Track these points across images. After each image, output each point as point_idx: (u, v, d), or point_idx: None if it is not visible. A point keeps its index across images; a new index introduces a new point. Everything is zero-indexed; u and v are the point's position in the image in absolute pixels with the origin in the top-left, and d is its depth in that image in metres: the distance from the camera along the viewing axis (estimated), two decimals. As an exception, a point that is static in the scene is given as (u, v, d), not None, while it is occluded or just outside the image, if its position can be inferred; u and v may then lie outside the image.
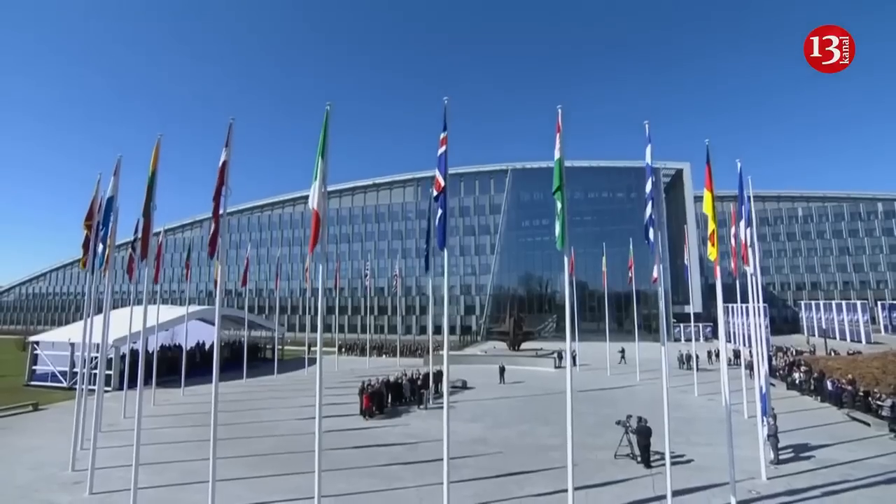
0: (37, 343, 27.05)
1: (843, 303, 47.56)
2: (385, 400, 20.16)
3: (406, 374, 22.58)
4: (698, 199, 58.99)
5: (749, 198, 12.95)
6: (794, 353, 33.79)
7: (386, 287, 67.81)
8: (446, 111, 9.23)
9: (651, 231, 9.81)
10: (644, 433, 12.87)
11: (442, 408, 21.74)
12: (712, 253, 10.93)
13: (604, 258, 31.28)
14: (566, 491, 10.82)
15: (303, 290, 66.34)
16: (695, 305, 46.13)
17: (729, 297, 17.56)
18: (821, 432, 15.79)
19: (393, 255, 69.18)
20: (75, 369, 26.22)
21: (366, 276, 49.97)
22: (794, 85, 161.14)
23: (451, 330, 66.48)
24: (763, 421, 12.86)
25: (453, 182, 70.94)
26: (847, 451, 13.92)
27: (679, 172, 62.06)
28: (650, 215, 9.87)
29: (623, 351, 34.17)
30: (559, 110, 9.33)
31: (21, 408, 20.28)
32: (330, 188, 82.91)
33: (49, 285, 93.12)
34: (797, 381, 22.15)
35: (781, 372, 24.59)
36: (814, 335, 47.34)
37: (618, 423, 13.91)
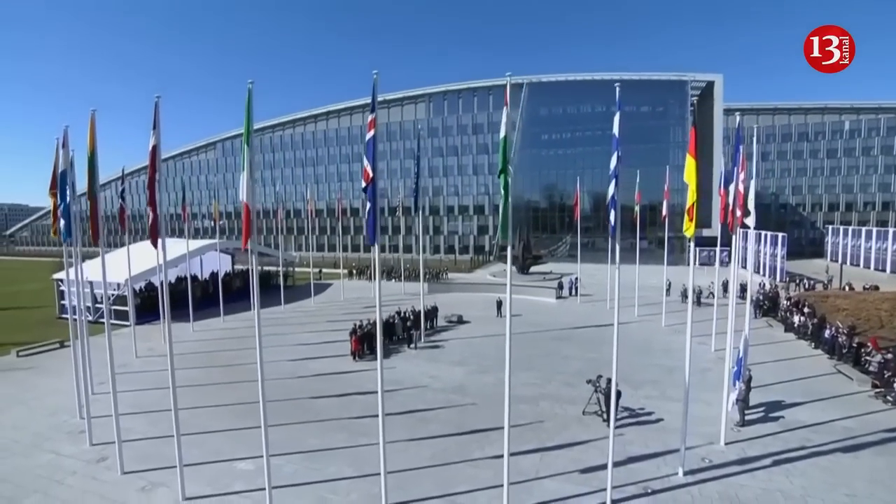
0: (60, 280, 28.77)
1: (874, 230, 44.83)
2: (375, 340, 20.93)
3: (399, 313, 23.20)
4: (728, 111, 53.96)
5: (751, 155, 11.54)
6: (805, 285, 32.79)
7: (400, 207, 67.86)
8: (375, 87, 8.05)
9: (612, 213, 8.97)
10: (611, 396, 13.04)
11: (432, 346, 22.51)
12: (689, 229, 10.10)
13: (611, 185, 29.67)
14: (525, 453, 11.49)
15: (306, 211, 67.68)
16: (715, 228, 44.33)
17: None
18: (800, 387, 15.67)
19: (406, 174, 68.01)
20: (98, 304, 28.22)
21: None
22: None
23: (465, 250, 67.20)
24: (734, 385, 12.75)
25: (466, 97, 66.94)
26: (819, 410, 13.87)
27: (710, 85, 55.98)
28: (612, 195, 8.96)
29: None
30: (508, 80, 8.11)
31: (49, 345, 22.12)
32: (339, 106, 79.75)
33: (84, 207, 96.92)
34: (796, 325, 21.67)
35: (784, 314, 23.97)
36: (836, 261, 45.54)
37: (588, 381, 14.15)
